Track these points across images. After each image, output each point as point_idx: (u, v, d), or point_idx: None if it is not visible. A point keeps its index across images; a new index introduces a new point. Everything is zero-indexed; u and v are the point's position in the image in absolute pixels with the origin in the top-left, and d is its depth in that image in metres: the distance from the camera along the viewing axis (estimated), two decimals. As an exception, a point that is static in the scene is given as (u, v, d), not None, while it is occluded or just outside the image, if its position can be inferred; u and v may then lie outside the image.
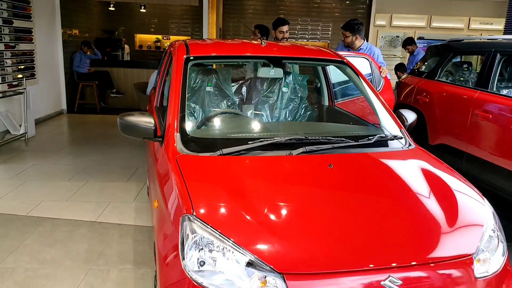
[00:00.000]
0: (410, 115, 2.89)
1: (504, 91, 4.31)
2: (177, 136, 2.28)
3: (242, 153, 2.20)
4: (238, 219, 1.75)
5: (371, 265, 1.62)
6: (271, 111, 3.56)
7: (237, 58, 3.15)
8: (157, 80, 4.03)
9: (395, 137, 2.55)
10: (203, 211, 1.75)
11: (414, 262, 1.67)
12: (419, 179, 2.12)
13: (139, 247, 3.47)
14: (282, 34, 5.29)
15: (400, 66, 7.69)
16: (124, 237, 3.63)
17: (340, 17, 11.11)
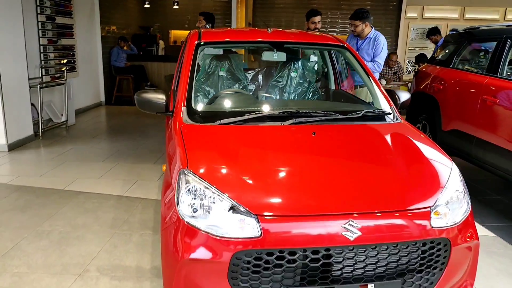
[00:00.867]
0: (403, 95, 3.09)
1: (513, 76, 4.37)
2: (184, 109, 2.62)
3: (238, 124, 2.51)
4: (224, 173, 2.07)
5: (334, 212, 1.89)
6: (281, 95, 3.84)
7: (243, 43, 3.45)
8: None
9: (383, 112, 2.78)
10: (196, 167, 2.07)
11: (372, 211, 1.92)
12: (393, 144, 2.37)
13: (159, 217, 3.84)
14: (314, 24, 5.49)
15: (421, 56, 7.71)
16: (146, 209, 4.02)
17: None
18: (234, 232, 1.85)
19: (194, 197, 1.96)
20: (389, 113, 2.81)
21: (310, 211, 1.91)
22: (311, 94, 3.91)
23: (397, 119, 2.76)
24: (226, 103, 3.10)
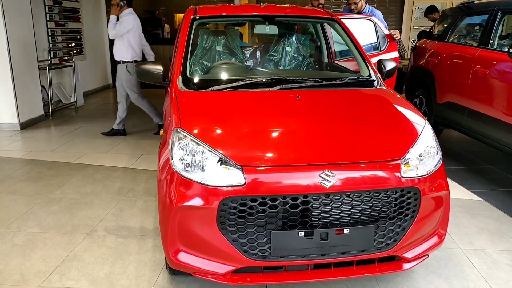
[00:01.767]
0: (389, 64, 3.23)
1: (504, 48, 4.48)
2: (179, 78, 2.83)
3: (229, 90, 2.70)
4: (214, 131, 2.29)
5: (311, 163, 2.09)
6: (276, 68, 4.02)
7: (237, 17, 3.62)
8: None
9: (367, 79, 2.95)
10: (188, 126, 2.28)
11: (347, 162, 2.12)
12: (371, 105, 2.56)
13: (162, 185, 4.09)
14: (317, 1, 5.66)
15: (423, 33, 7.76)
16: (150, 179, 4.26)
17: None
18: (221, 181, 2.06)
19: (186, 153, 2.16)
20: (373, 80, 2.98)
21: (290, 162, 2.11)
22: (305, 67, 4.07)
23: (380, 85, 2.93)
24: (219, 72, 3.29)
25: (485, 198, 3.87)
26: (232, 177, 2.06)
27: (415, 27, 11.42)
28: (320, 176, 2.05)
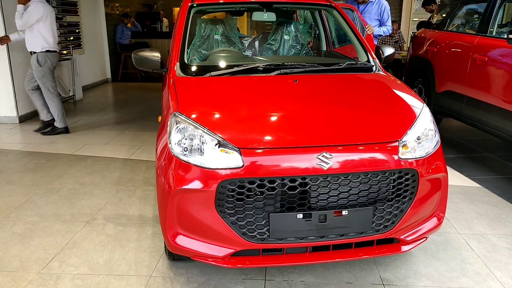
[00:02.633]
0: (388, 50, 3.22)
1: (503, 36, 4.47)
2: (177, 65, 2.82)
3: (227, 76, 2.69)
4: (212, 115, 2.28)
5: (309, 145, 2.09)
6: (275, 56, 4.01)
7: (234, 4, 3.61)
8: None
9: (365, 64, 2.94)
10: (186, 110, 2.27)
11: (345, 143, 2.12)
12: (369, 89, 2.55)
13: (162, 175, 4.09)
14: None
15: (422, 24, 7.75)
16: (149, 169, 4.26)
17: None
18: (219, 164, 2.06)
19: (184, 136, 2.16)
20: (372, 66, 2.97)
21: (288, 144, 2.11)
22: (304, 55, 4.06)
23: (378, 70, 2.93)
24: (217, 59, 3.28)
25: (484, 184, 3.87)
26: (230, 159, 2.06)
27: (414, 18, 11.38)
28: (318, 158, 2.05)
